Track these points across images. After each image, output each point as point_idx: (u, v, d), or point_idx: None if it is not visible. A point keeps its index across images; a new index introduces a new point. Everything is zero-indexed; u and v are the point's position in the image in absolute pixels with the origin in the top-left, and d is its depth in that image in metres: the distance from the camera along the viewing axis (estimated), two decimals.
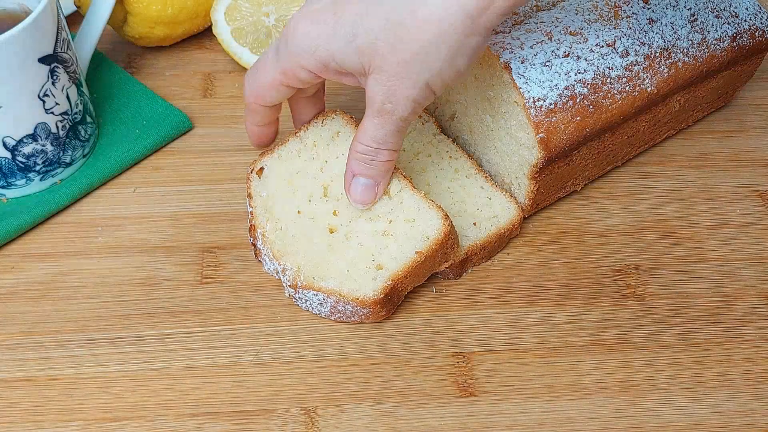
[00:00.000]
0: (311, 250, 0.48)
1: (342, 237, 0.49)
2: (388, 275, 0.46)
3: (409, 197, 0.49)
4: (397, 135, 0.45)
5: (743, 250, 0.54)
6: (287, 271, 0.48)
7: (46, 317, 0.50)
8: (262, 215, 0.50)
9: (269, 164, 0.52)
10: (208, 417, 0.45)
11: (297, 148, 0.52)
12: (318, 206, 0.50)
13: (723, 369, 0.47)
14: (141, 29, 0.65)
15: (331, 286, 0.47)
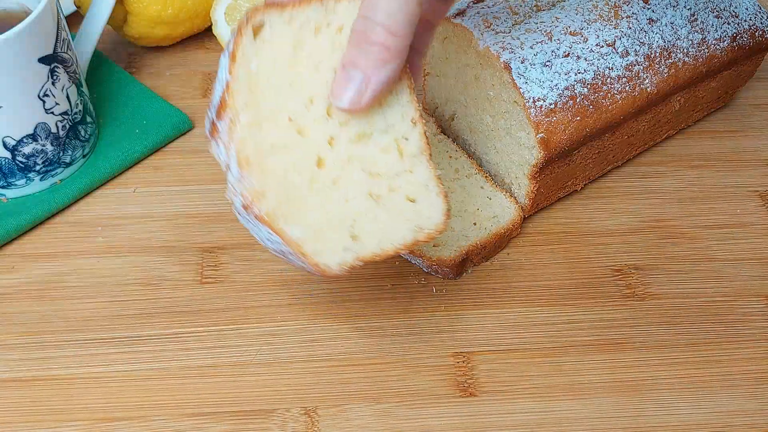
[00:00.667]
0: (286, 180, 0.38)
1: (329, 179, 0.39)
2: (361, 255, 0.38)
3: (422, 169, 0.40)
4: (404, 8, 0.35)
5: (743, 250, 0.54)
6: (246, 186, 0.37)
7: (46, 317, 0.50)
8: (240, 95, 0.37)
9: (273, 24, 0.38)
10: (208, 417, 0.45)
11: (318, 20, 0.38)
12: (315, 122, 0.39)
13: (723, 369, 0.47)
14: (141, 29, 0.65)
15: (295, 235, 0.37)
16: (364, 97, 0.37)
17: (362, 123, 0.39)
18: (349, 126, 0.39)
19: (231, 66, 0.37)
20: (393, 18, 0.34)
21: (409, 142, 0.40)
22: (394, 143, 0.39)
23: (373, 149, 0.39)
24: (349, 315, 0.50)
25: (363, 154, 0.39)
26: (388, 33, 0.35)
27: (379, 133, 0.39)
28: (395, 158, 0.40)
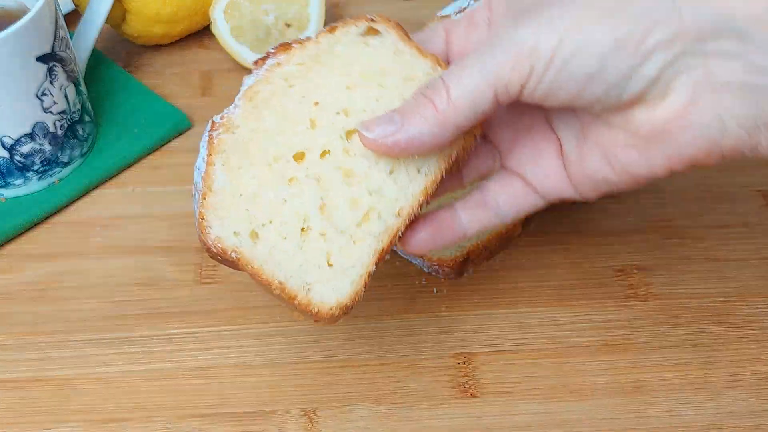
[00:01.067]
0: (264, 137, 0.37)
1: (289, 174, 0.37)
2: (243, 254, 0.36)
3: (363, 252, 0.37)
4: (476, 91, 0.33)
5: (747, 250, 0.54)
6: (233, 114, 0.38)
7: (44, 317, 0.49)
8: (306, 55, 0.38)
9: (387, 40, 0.38)
10: (207, 418, 0.45)
11: (424, 73, 0.38)
12: (331, 127, 0.37)
13: (727, 370, 0.47)
14: (139, 27, 0.65)
15: (216, 180, 0.36)
16: (386, 141, 0.34)
17: (362, 167, 0.37)
18: (350, 158, 0.37)
19: (324, 33, 0.38)
20: (464, 93, 0.33)
21: (379, 222, 0.36)
22: (366, 208, 0.36)
23: (345, 194, 0.36)
24: (349, 315, 0.49)
25: (333, 188, 0.36)
26: (448, 101, 0.33)
27: (364, 189, 0.37)
28: (354, 219, 0.36)
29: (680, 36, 0.31)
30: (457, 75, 0.33)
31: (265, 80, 0.38)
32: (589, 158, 0.37)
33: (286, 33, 0.65)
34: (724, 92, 0.31)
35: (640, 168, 0.35)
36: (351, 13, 0.74)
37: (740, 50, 0.30)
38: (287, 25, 0.65)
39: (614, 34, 0.31)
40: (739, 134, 0.32)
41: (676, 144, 0.33)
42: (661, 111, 0.32)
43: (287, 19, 0.65)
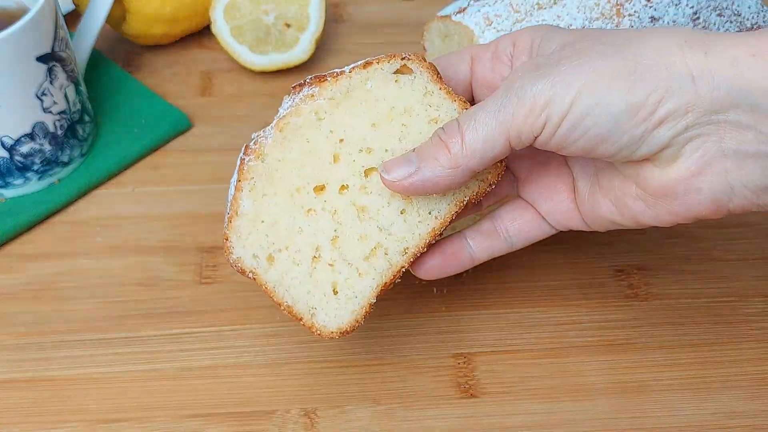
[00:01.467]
0: (288, 167, 0.39)
1: (308, 205, 0.39)
2: (259, 275, 0.39)
3: (366, 285, 0.39)
4: (489, 135, 0.35)
5: (746, 250, 0.54)
6: (265, 141, 0.40)
7: (45, 318, 0.49)
8: (338, 90, 0.39)
9: (417, 80, 0.40)
10: (207, 418, 0.45)
11: (450, 115, 0.39)
12: (353, 164, 0.39)
13: (726, 370, 0.47)
14: (139, 27, 0.65)
15: (243, 205, 0.39)
16: (403, 183, 0.36)
17: (376, 205, 0.39)
18: (366, 196, 0.39)
19: (358, 68, 0.39)
20: (477, 137, 0.35)
21: (385, 259, 0.39)
22: (374, 244, 0.39)
23: (357, 228, 0.39)
24: None
25: (347, 222, 0.39)
26: (462, 145, 0.35)
27: (375, 226, 0.39)
28: (361, 253, 0.39)
29: (694, 107, 0.31)
30: (472, 120, 0.35)
31: (297, 112, 0.39)
32: (600, 202, 0.38)
33: (286, 33, 0.65)
34: (734, 160, 0.32)
35: (647, 218, 0.36)
36: (351, 13, 0.74)
37: (753, 121, 0.31)
38: (287, 25, 0.65)
39: (629, 99, 0.32)
40: (747, 196, 0.33)
41: (684, 203, 0.34)
42: (671, 172, 0.33)
43: (287, 19, 0.65)
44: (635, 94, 0.31)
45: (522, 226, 0.42)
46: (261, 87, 0.66)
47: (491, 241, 0.42)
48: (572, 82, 0.32)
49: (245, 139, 0.61)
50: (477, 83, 0.41)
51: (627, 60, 0.32)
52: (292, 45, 0.65)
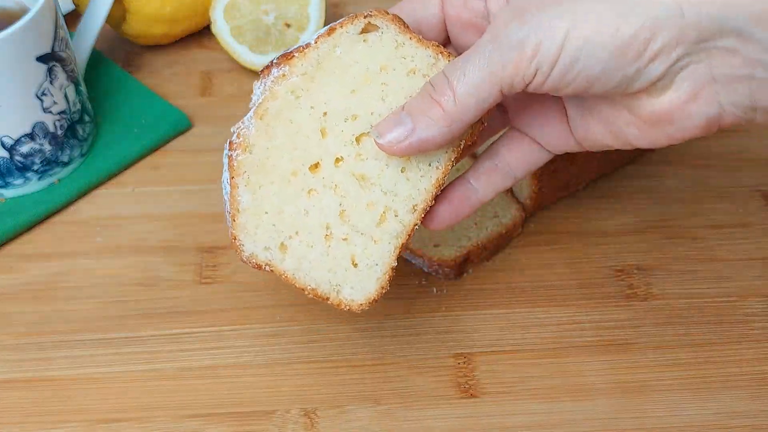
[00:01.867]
0: (279, 153, 0.38)
1: (308, 186, 0.38)
2: (275, 266, 0.39)
3: (384, 250, 0.39)
4: (480, 87, 0.34)
5: (746, 250, 0.54)
6: (245, 130, 0.38)
7: (45, 317, 0.49)
8: (308, 63, 0.38)
9: (386, 34, 0.38)
10: (207, 418, 0.45)
11: (424, 63, 0.38)
12: (341, 135, 0.38)
13: (726, 370, 0.47)
14: (139, 27, 0.65)
15: (242, 200, 0.38)
16: (400, 144, 0.36)
17: (375, 170, 0.38)
18: (363, 162, 0.38)
19: (322, 36, 0.38)
20: (468, 90, 0.34)
21: (396, 221, 0.38)
22: (383, 208, 0.38)
23: (362, 197, 0.38)
24: (349, 315, 0.49)
25: (350, 193, 0.38)
26: (454, 100, 0.34)
27: (379, 190, 0.38)
28: (372, 220, 0.38)
29: (683, 37, 0.31)
30: (461, 73, 0.34)
31: (273, 95, 0.38)
32: (592, 127, 0.38)
33: (286, 33, 0.65)
34: (724, 84, 0.32)
35: (641, 141, 0.36)
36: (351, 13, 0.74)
37: (739, 46, 0.31)
38: (287, 25, 0.65)
39: (619, 38, 0.31)
40: (736, 114, 0.33)
41: (678, 127, 0.34)
42: (664, 101, 0.33)
43: (287, 19, 0.65)
44: (624, 33, 0.31)
45: (520, 156, 0.41)
46: None
47: (494, 178, 0.41)
48: (560, 25, 0.32)
49: None
50: (452, 23, 0.40)
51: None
52: (292, 45, 0.65)
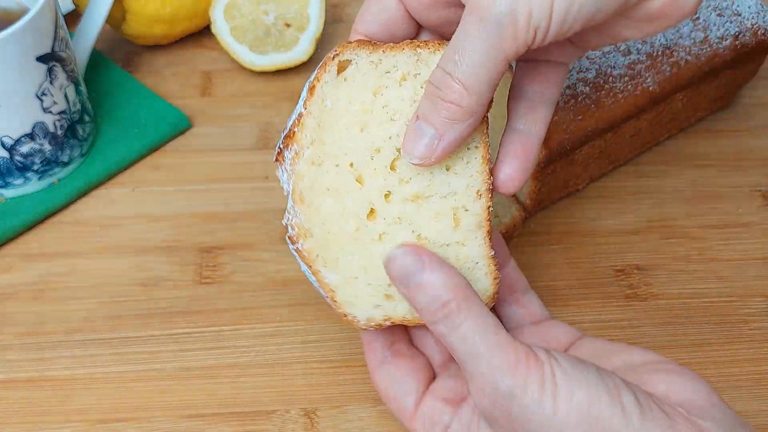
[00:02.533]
0: (333, 225, 0.37)
1: (375, 233, 0.37)
2: (391, 316, 0.38)
3: (476, 245, 0.38)
4: (486, 67, 0.32)
5: (746, 250, 0.54)
6: (295, 220, 0.38)
7: (44, 317, 0.49)
8: (309, 130, 0.37)
9: (359, 63, 0.37)
10: (207, 418, 0.45)
11: (406, 68, 0.37)
12: (376, 172, 0.37)
13: (726, 370, 0.47)
14: (139, 28, 0.65)
15: (330, 280, 0.38)
16: (435, 154, 0.35)
17: (424, 184, 0.37)
18: (409, 184, 0.37)
19: (308, 98, 0.37)
20: (473, 75, 0.32)
21: (468, 214, 0.37)
22: (450, 211, 0.37)
23: (427, 213, 0.37)
24: None
25: (415, 216, 0.37)
26: (465, 91, 0.33)
27: (438, 198, 0.37)
28: (448, 227, 0.37)
29: None
30: (460, 63, 0.32)
31: (298, 176, 0.37)
32: (592, 39, 0.36)
33: (286, 33, 0.65)
34: None
35: (635, 36, 0.35)
36: (351, 13, 0.74)
37: None
38: (287, 25, 0.65)
39: None
40: None
41: (671, 18, 0.33)
42: (658, 1, 0.32)
43: (287, 19, 0.65)
44: None
45: (544, 80, 0.38)
46: (261, 87, 0.66)
47: (538, 113, 0.38)
48: None
49: (245, 139, 0.61)
50: (414, 10, 0.38)
51: None
52: (292, 45, 0.65)
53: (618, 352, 0.37)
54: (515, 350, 0.33)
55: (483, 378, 0.33)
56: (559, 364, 0.32)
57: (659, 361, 0.36)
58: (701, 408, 0.32)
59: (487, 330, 0.33)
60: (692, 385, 0.33)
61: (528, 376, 0.32)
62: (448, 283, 0.34)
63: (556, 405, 0.31)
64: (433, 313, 0.34)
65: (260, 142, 0.61)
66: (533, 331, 0.41)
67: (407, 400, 0.39)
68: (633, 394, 0.32)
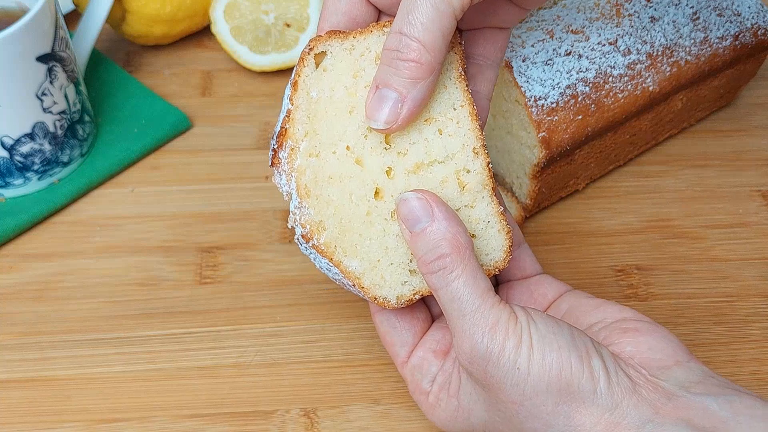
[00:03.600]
0: (344, 211, 0.38)
1: (386, 211, 0.38)
2: (420, 289, 0.39)
3: (484, 205, 0.38)
4: (438, 22, 0.34)
5: (746, 250, 0.54)
6: (305, 216, 0.38)
7: (44, 317, 0.49)
8: (300, 123, 0.37)
9: (334, 53, 0.38)
10: (206, 418, 0.45)
11: (379, 48, 0.38)
12: (373, 151, 0.38)
13: (727, 370, 0.47)
14: (139, 27, 0.65)
15: (353, 268, 0.38)
16: (400, 117, 0.36)
17: (420, 152, 0.38)
18: (407, 156, 0.38)
19: (292, 94, 0.37)
20: (428, 32, 0.34)
21: (471, 175, 0.38)
22: (454, 175, 0.38)
23: (432, 181, 0.38)
24: (349, 315, 0.49)
25: (421, 187, 0.38)
26: (423, 48, 0.34)
27: (438, 165, 0.38)
28: (455, 191, 0.38)
29: None
30: (414, 22, 0.34)
31: (300, 172, 0.37)
32: None
33: (286, 33, 0.65)
34: None
35: None
36: None
37: None
38: (287, 25, 0.65)
39: None
40: None
41: None
42: None
43: (287, 19, 0.65)
44: None
45: (489, 46, 0.41)
46: (261, 87, 0.66)
47: (486, 75, 0.41)
48: None
49: (245, 139, 0.61)
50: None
51: None
52: (292, 45, 0.65)
53: (595, 308, 0.39)
54: (497, 312, 0.34)
55: (464, 335, 0.35)
56: (537, 327, 0.34)
57: (631, 319, 0.38)
58: (663, 368, 0.35)
59: (475, 291, 0.35)
60: (658, 344, 0.36)
61: (506, 339, 0.34)
62: (449, 238, 0.35)
63: (530, 367, 0.33)
64: (429, 264, 0.35)
65: (260, 142, 0.61)
66: (523, 286, 0.43)
67: (401, 349, 0.41)
68: (601, 358, 0.34)
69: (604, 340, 0.37)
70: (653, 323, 0.37)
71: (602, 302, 0.39)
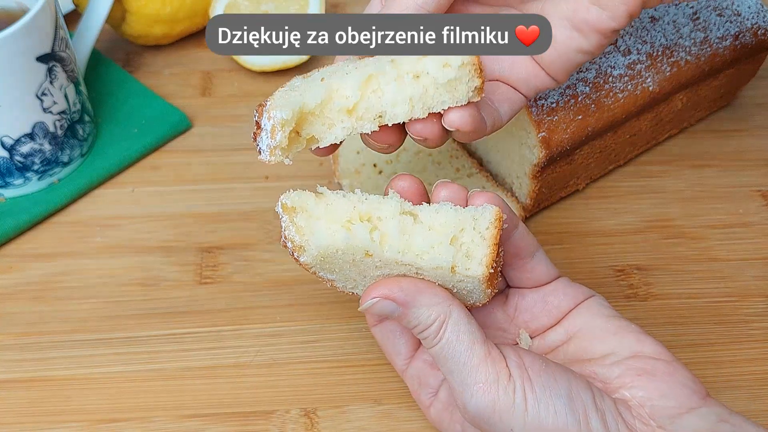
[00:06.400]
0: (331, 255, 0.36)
1: (372, 266, 0.37)
2: None
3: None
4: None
5: (746, 250, 0.54)
6: (290, 234, 0.37)
7: (44, 317, 0.49)
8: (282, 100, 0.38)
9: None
10: (206, 418, 0.45)
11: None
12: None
13: (727, 370, 0.47)
14: (139, 27, 0.65)
15: (329, 277, 0.39)
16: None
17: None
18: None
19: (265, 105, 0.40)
20: None
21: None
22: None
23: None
24: (349, 315, 0.49)
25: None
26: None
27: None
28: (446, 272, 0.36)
29: None
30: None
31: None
32: (557, 31, 0.38)
33: None
34: None
35: (605, 20, 0.37)
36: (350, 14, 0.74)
37: None
38: None
39: None
40: None
41: None
42: None
43: None
44: None
45: (502, 101, 0.40)
46: (261, 87, 0.66)
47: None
48: None
49: (245, 139, 0.61)
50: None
51: None
52: None
53: (612, 335, 0.37)
54: (487, 369, 0.34)
55: (456, 392, 0.35)
56: (532, 387, 0.33)
57: (649, 356, 0.36)
58: (675, 416, 0.34)
59: (461, 345, 0.34)
60: (672, 390, 0.34)
61: (497, 401, 0.33)
62: (425, 312, 0.35)
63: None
64: (415, 332, 0.36)
65: None
66: (537, 294, 0.40)
67: (398, 358, 0.41)
68: (601, 416, 0.33)
69: (617, 380, 0.35)
70: (671, 362, 0.35)
71: (619, 327, 0.37)
